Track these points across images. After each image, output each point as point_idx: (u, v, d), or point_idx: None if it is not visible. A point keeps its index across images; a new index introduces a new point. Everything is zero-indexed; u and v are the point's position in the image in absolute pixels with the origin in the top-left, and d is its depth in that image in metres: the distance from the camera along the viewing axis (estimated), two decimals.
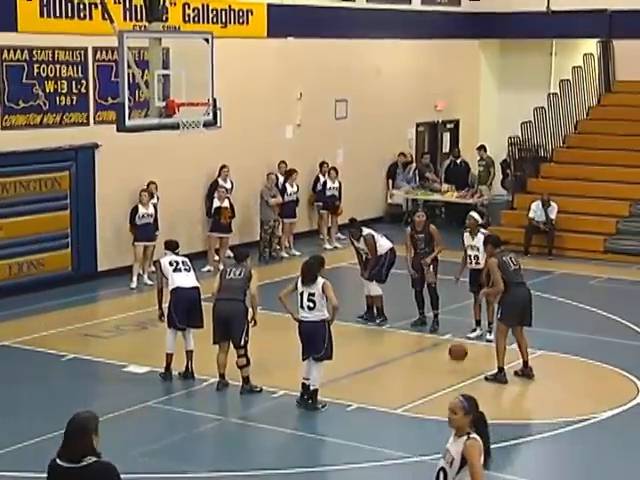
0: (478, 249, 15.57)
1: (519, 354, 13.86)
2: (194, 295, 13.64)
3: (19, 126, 17.89)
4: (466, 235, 15.88)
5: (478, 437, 7.08)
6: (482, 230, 15.97)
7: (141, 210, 18.89)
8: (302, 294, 12.53)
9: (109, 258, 19.28)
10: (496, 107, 28.61)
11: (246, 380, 13.11)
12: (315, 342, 12.47)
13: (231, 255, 21.10)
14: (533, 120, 24.71)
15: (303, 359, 12.63)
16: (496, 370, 13.71)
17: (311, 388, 12.60)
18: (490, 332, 15.42)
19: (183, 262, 13.92)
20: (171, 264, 13.77)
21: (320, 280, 12.50)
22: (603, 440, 11.98)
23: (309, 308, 12.49)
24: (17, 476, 10.71)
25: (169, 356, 13.64)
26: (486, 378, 13.74)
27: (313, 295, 12.44)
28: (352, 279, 20.59)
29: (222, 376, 13.26)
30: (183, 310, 13.57)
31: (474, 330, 15.76)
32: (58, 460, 6.46)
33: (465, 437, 7.08)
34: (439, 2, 26.85)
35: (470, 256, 15.75)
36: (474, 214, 16.21)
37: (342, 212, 22.77)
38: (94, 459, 6.40)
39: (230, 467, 10.85)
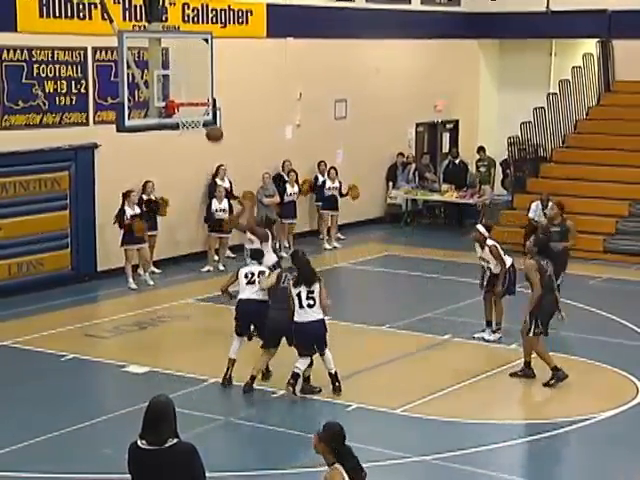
0: (488, 261, 15.48)
1: (524, 354, 13.81)
2: (260, 307, 13.43)
3: (19, 126, 17.89)
4: (476, 246, 15.72)
5: (340, 467, 7.04)
6: (488, 242, 15.61)
7: (128, 212, 18.57)
8: (300, 294, 12.48)
9: (109, 258, 19.26)
10: (496, 107, 28.62)
11: (307, 380, 13.14)
12: (321, 340, 12.67)
13: (231, 255, 21.14)
14: (533, 120, 24.72)
15: (308, 355, 12.72)
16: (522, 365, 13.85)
17: (333, 372, 12.88)
18: (494, 332, 15.41)
19: (261, 272, 13.63)
20: (246, 276, 13.57)
21: (318, 282, 12.60)
22: (603, 440, 11.97)
23: (309, 306, 12.48)
24: (17, 476, 10.70)
25: (231, 361, 13.37)
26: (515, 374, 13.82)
27: (313, 292, 12.48)
28: (351, 279, 20.64)
29: (253, 379, 13.10)
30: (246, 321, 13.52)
31: (483, 330, 15.69)
32: (140, 443, 6.74)
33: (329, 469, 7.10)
34: (438, 2, 26.85)
35: (483, 267, 15.69)
36: (480, 227, 15.93)
37: (358, 195, 22.87)
38: (176, 440, 6.74)
39: (230, 467, 10.84)
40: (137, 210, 18.70)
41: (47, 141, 18.18)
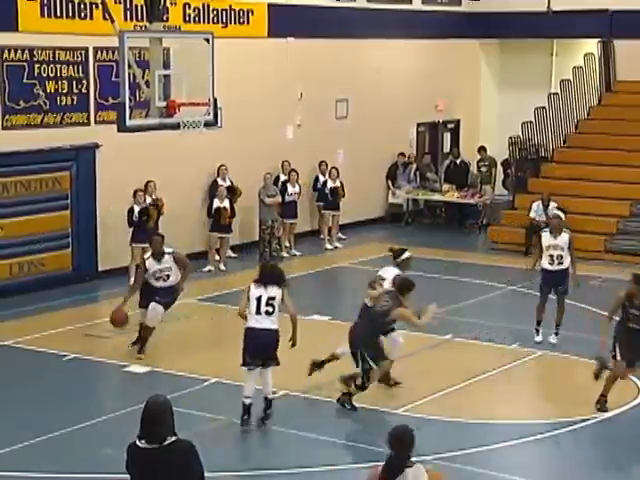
0: (562, 249, 15.20)
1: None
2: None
3: (20, 126, 17.90)
4: (545, 235, 15.39)
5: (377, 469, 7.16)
6: (565, 229, 15.46)
7: (137, 210, 18.77)
8: (260, 298, 11.75)
9: (109, 258, 19.27)
10: (497, 107, 28.61)
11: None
12: (270, 351, 11.85)
13: (232, 255, 21.16)
14: (534, 120, 24.71)
15: (251, 368, 11.96)
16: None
17: (269, 397, 12.07)
18: (557, 334, 15.29)
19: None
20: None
21: (281, 287, 11.88)
22: (604, 440, 11.98)
23: (267, 313, 11.74)
24: (17, 476, 10.71)
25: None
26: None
27: (273, 299, 11.76)
28: (352, 279, 20.62)
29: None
30: None
31: (537, 332, 15.38)
32: (139, 443, 6.80)
33: None
34: (439, 2, 26.84)
35: (552, 256, 15.23)
36: (558, 212, 15.63)
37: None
38: (174, 438, 6.79)
39: (230, 467, 10.84)
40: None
41: (48, 141, 18.19)
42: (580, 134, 25.25)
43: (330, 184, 22.86)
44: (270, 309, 11.75)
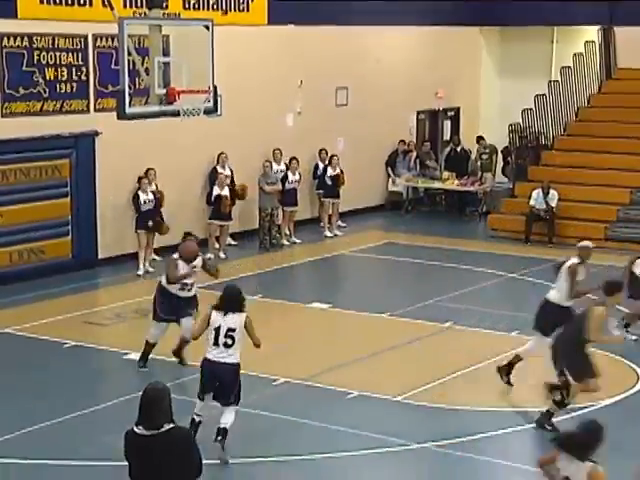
0: None
1: None
2: None
3: (19, 113, 17.87)
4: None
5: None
6: None
7: (142, 197, 18.90)
8: (219, 328, 10.59)
9: (109, 245, 19.28)
10: (497, 94, 28.55)
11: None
12: (228, 389, 10.74)
13: (232, 243, 21.15)
14: (534, 107, 24.68)
15: (202, 398, 10.92)
16: None
17: (227, 428, 10.73)
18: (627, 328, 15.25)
19: None
20: None
21: (243, 314, 10.68)
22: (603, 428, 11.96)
23: (226, 345, 10.57)
24: (18, 462, 10.73)
25: None
26: None
27: (233, 331, 10.57)
28: (352, 267, 20.64)
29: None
30: None
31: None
32: (137, 429, 6.90)
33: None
34: None
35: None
36: None
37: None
38: (172, 425, 6.88)
39: (231, 454, 10.84)
40: (150, 195, 18.93)
41: (48, 128, 18.16)
42: (580, 121, 25.22)
43: (330, 172, 22.83)
44: (229, 341, 10.58)
